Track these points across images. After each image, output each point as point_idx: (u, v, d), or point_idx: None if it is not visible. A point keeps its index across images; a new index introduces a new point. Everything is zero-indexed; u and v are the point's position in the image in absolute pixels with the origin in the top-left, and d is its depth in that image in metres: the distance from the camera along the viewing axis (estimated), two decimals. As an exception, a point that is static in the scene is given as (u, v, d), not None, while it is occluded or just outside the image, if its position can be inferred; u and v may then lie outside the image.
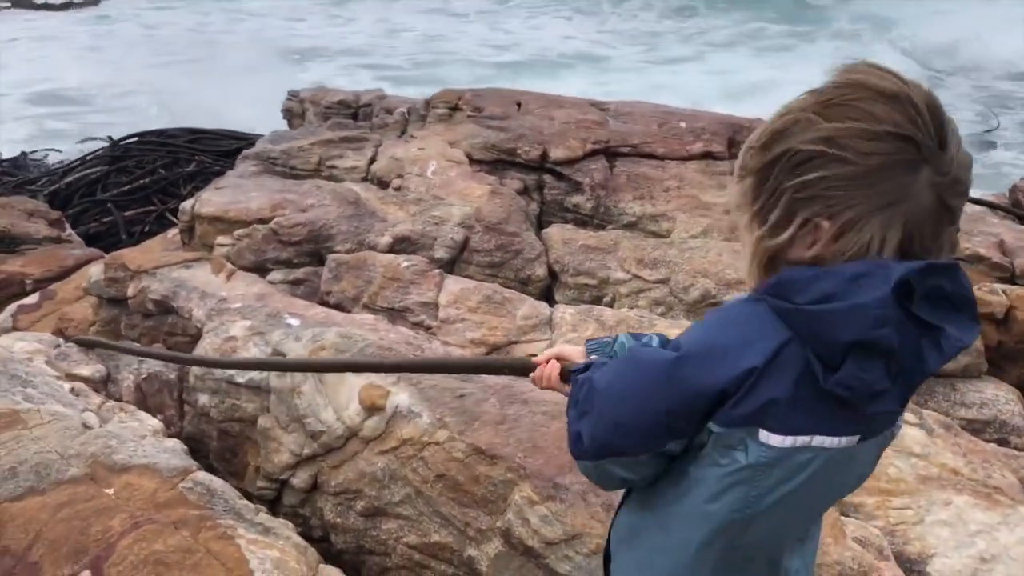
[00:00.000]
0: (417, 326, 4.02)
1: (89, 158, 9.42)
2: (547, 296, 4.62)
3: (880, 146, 1.10)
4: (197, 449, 3.48)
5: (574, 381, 1.49)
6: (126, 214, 8.26)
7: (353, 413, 3.06)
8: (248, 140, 8.90)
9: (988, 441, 3.39)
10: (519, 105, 6.38)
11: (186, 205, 5.24)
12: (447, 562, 2.87)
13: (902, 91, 1.11)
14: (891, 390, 1.13)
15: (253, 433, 3.38)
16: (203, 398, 3.56)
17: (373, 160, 5.83)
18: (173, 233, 5.68)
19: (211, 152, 9.14)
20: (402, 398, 3.06)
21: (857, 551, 2.49)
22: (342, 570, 2.66)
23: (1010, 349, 4.06)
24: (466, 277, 4.52)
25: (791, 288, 1.15)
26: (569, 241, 4.73)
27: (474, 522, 2.79)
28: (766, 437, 1.17)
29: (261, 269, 4.65)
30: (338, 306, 4.23)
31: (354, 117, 7.12)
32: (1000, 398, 3.70)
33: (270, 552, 2.47)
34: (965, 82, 17.36)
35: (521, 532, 2.64)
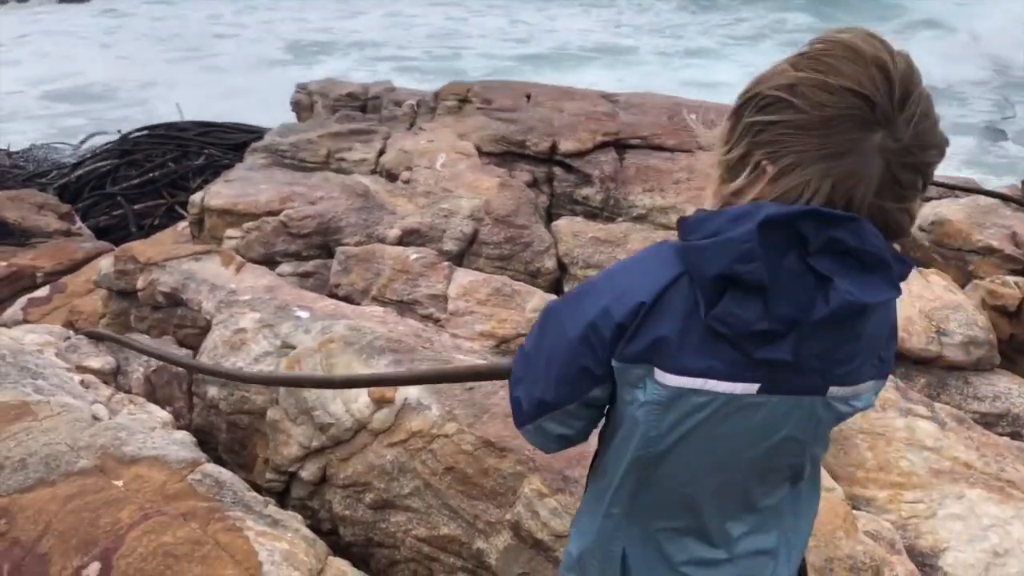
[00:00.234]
0: (426, 318, 4.02)
1: (99, 151, 9.44)
2: (557, 289, 4.61)
3: (835, 99, 1.13)
4: (206, 441, 3.48)
5: None
6: (136, 207, 8.27)
7: (362, 406, 3.05)
8: (257, 133, 8.90)
9: (1001, 435, 3.37)
10: (528, 97, 6.37)
11: (195, 198, 5.25)
12: (456, 555, 2.87)
13: (877, 55, 1.13)
14: (779, 335, 1.15)
15: (262, 425, 3.38)
16: (212, 390, 3.56)
17: (382, 152, 5.83)
18: (183, 226, 5.69)
19: (220, 145, 9.14)
20: (411, 390, 3.05)
21: (869, 545, 2.47)
22: (351, 562, 2.66)
23: (1023, 342, 4.03)
24: (475, 270, 4.51)
25: (689, 227, 1.20)
26: (579, 233, 4.72)
27: (483, 515, 2.78)
28: (661, 376, 1.21)
29: (270, 261, 4.65)
30: (347, 298, 4.23)
31: (363, 109, 7.12)
32: (1013, 391, 3.67)
33: (279, 544, 2.47)
34: (983, 72, 17.21)
35: (530, 525, 2.63)
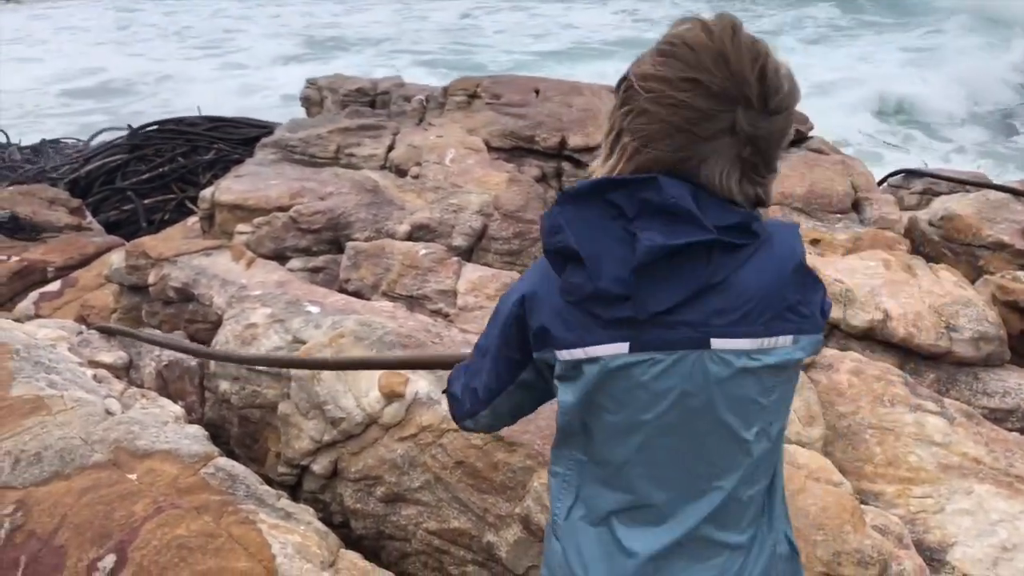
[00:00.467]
0: (435, 314, 4.03)
1: (109, 146, 9.46)
2: (565, 284, 4.61)
3: (678, 89, 1.26)
4: (218, 435, 3.50)
5: None
6: (146, 202, 8.30)
7: (373, 400, 3.07)
8: (266, 128, 8.91)
9: (1010, 430, 3.36)
10: (537, 92, 6.37)
11: (206, 193, 5.27)
12: (466, 548, 2.89)
13: (720, 45, 1.26)
14: (617, 295, 1.29)
15: (273, 419, 3.40)
16: (224, 384, 3.58)
17: (391, 148, 5.84)
18: (193, 221, 5.71)
19: (230, 140, 9.15)
20: (421, 385, 3.07)
21: (877, 539, 2.48)
22: (362, 555, 2.68)
23: (1033, 337, 4.02)
24: (484, 265, 4.53)
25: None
26: (587, 229, 4.72)
27: (493, 508, 2.80)
28: (558, 354, 1.38)
29: (281, 257, 4.67)
30: (357, 293, 4.24)
31: (372, 105, 7.12)
32: (1023, 387, 3.67)
33: (291, 537, 2.49)
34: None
35: (540, 518, 2.65)
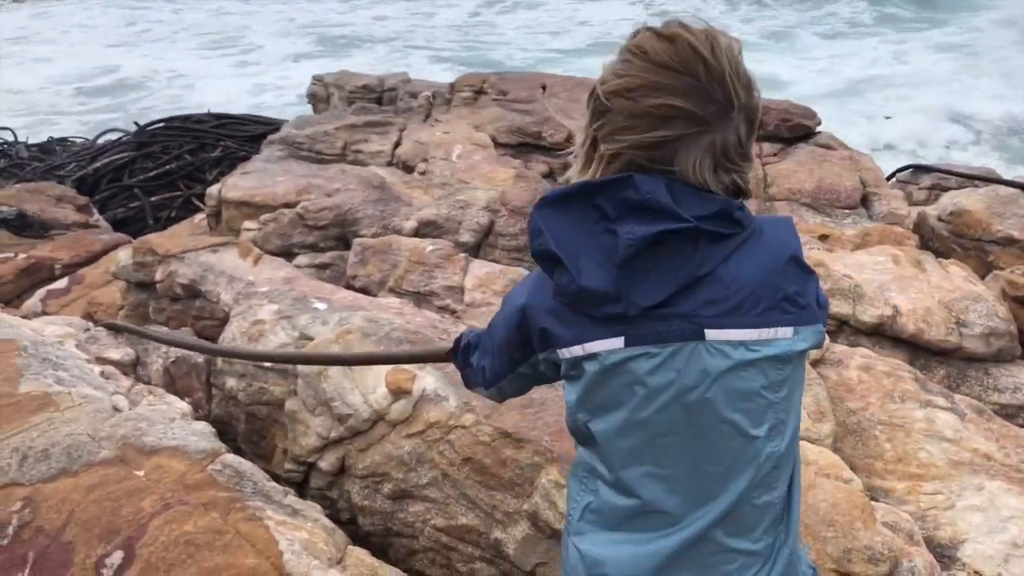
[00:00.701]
0: (443, 310, 4.02)
1: (116, 144, 9.49)
2: (572, 280, 4.60)
3: (647, 97, 1.29)
4: (225, 432, 3.50)
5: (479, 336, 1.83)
6: (153, 199, 8.32)
7: (380, 397, 3.07)
8: (273, 125, 8.92)
9: (1021, 426, 3.35)
10: (544, 88, 6.36)
11: (213, 190, 5.27)
12: (474, 544, 2.88)
13: (686, 52, 1.28)
14: (606, 293, 1.32)
15: (281, 416, 3.40)
16: (231, 381, 3.58)
17: (398, 144, 5.84)
18: (200, 218, 5.71)
19: (236, 137, 9.16)
20: (428, 382, 3.06)
21: (887, 536, 2.46)
22: (370, 552, 2.67)
23: (1044, 333, 4.00)
24: (491, 261, 4.52)
25: None
26: (595, 225, 4.70)
27: (501, 505, 2.79)
28: (560, 352, 1.41)
29: (288, 253, 4.67)
30: (364, 290, 4.24)
31: (378, 101, 7.12)
32: (1033, 383, 3.64)
33: (299, 534, 2.49)
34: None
35: (548, 515, 2.64)
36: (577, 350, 1.38)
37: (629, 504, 1.43)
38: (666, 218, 1.29)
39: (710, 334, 1.33)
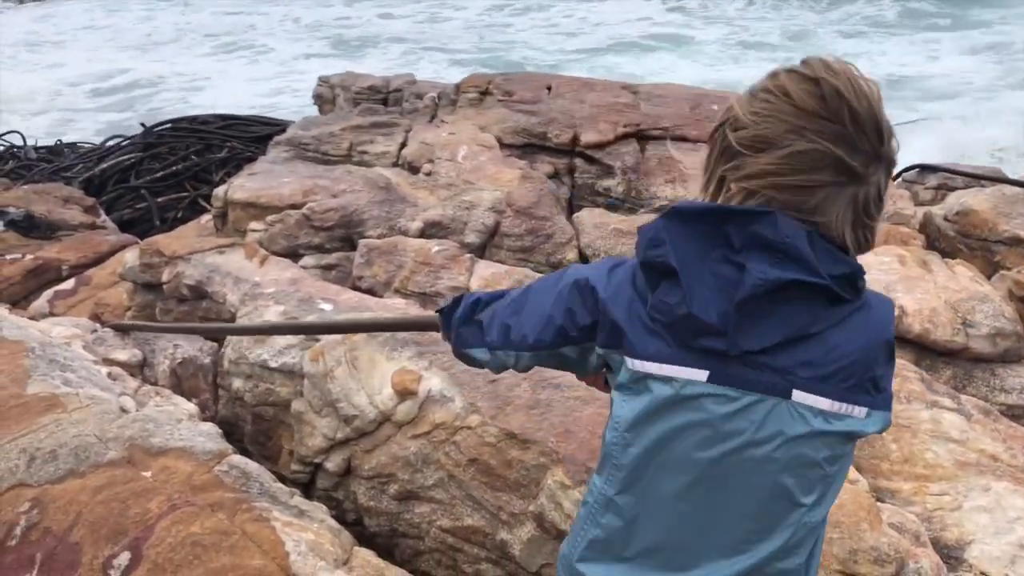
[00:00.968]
0: (448, 311, 4.03)
1: (123, 145, 9.51)
2: (578, 280, 4.60)
3: (799, 138, 1.25)
4: (231, 433, 3.51)
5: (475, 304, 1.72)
6: (159, 200, 8.32)
7: (386, 398, 3.07)
8: (279, 126, 8.93)
9: (1028, 427, 3.34)
10: (549, 89, 6.36)
11: (219, 191, 5.28)
12: (480, 546, 2.88)
13: (839, 93, 1.24)
14: (712, 326, 1.26)
15: (287, 417, 3.41)
16: (237, 382, 3.59)
17: (404, 145, 5.84)
18: (206, 219, 5.73)
19: (242, 138, 9.18)
20: (434, 382, 3.06)
21: (893, 537, 2.46)
22: (376, 552, 2.68)
23: (1050, 333, 3.98)
24: (497, 261, 4.52)
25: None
26: (600, 225, 4.71)
27: (507, 506, 2.79)
28: (628, 362, 1.34)
29: (294, 254, 4.68)
30: (370, 291, 4.25)
31: (384, 103, 7.13)
32: (1040, 383, 3.64)
33: (305, 535, 2.49)
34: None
35: (554, 516, 2.64)
36: (651, 367, 1.32)
37: (648, 541, 1.39)
38: (800, 267, 1.24)
39: (797, 395, 1.29)
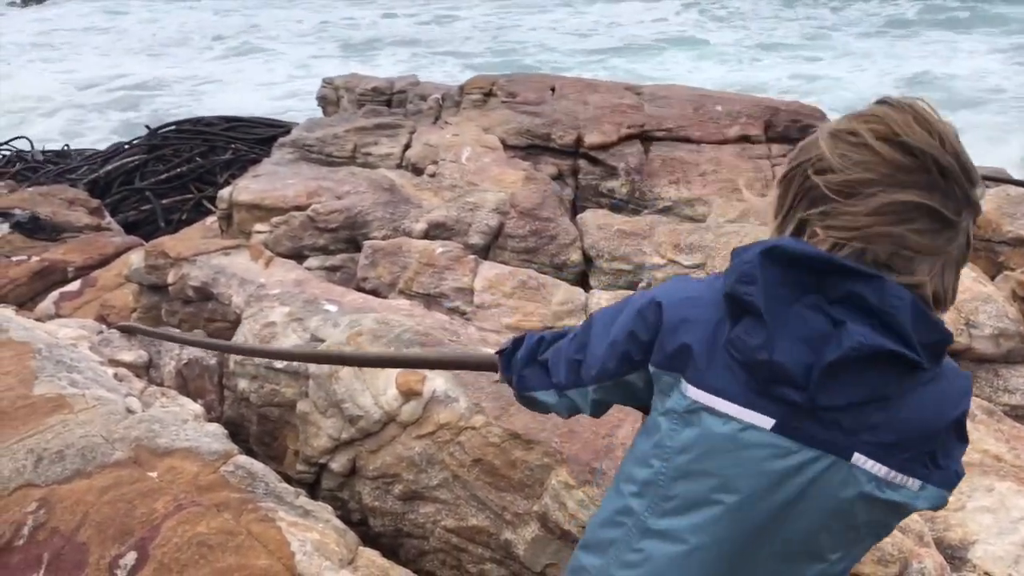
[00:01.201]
0: (453, 312, 4.04)
1: (128, 147, 9.53)
2: (582, 281, 4.61)
3: (898, 179, 1.19)
4: (237, 433, 3.53)
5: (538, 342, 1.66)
6: (164, 202, 8.34)
7: (391, 398, 3.08)
8: (283, 127, 8.95)
9: (1031, 427, 3.34)
10: (553, 90, 6.37)
11: (224, 193, 5.30)
12: (484, 546, 2.89)
13: (930, 136, 1.19)
14: (791, 374, 1.19)
15: (292, 418, 3.42)
16: (243, 383, 3.60)
17: (408, 147, 5.85)
18: (211, 221, 5.74)
19: (247, 140, 9.20)
20: (439, 383, 3.07)
21: (897, 537, 2.47)
22: (381, 553, 2.69)
23: (1054, 334, 3.98)
24: (501, 263, 4.53)
25: (734, 254, 1.29)
26: (604, 226, 4.72)
27: (511, 506, 2.80)
28: (684, 387, 1.27)
29: (298, 256, 4.69)
30: (374, 292, 4.26)
31: (388, 104, 7.14)
32: (1044, 384, 3.64)
33: (310, 535, 2.51)
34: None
35: (558, 516, 2.65)
36: (713, 401, 1.25)
37: (677, 573, 1.33)
38: (897, 339, 1.18)
39: (857, 458, 1.23)
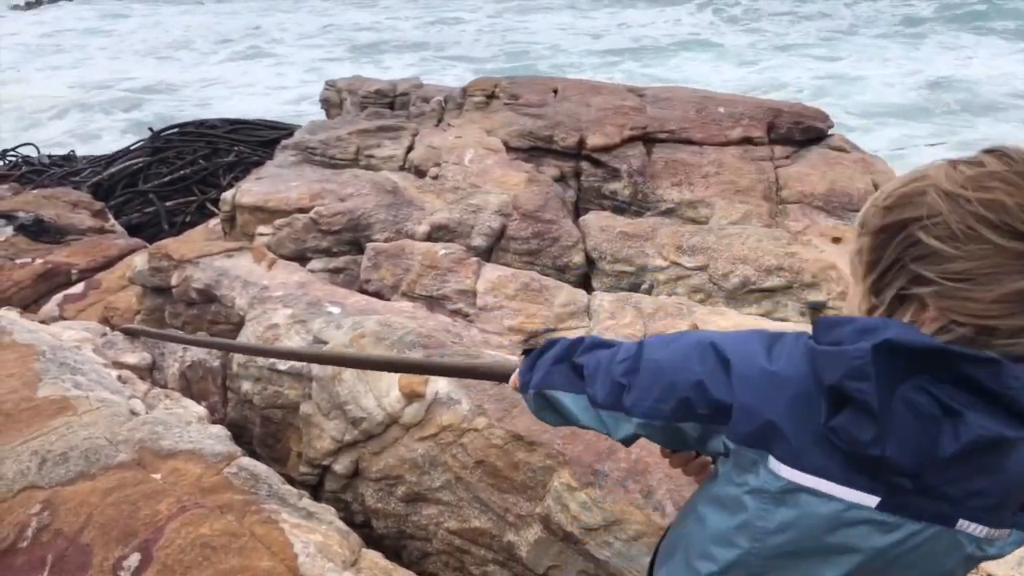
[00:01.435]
0: (455, 313, 4.04)
1: (131, 149, 9.56)
2: (585, 283, 4.61)
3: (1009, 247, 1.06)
4: (240, 435, 3.53)
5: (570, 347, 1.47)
6: (168, 204, 8.37)
7: (393, 400, 3.09)
8: (286, 130, 8.97)
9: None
10: (555, 92, 6.37)
11: (227, 195, 5.31)
12: (487, 547, 2.90)
13: None
14: (894, 464, 1.09)
15: (295, 419, 3.42)
16: (246, 385, 3.61)
17: (410, 149, 5.86)
18: (215, 223, 5.75)
19: (250, 142, 9.22)
20: (441, 385, 3.08)
21: (900, 539, 2.47)
22: (383, 554, 2.69)
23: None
24: (503, 264, 4.53)
25: (822, 329, 1.16)
26: (606, 228, 4.72)
27: (514, 508, 2.81)
28: (775, 465, 1.15)
29: (301, 258, 4.70)
30: (377, 294, 4.26)
31: (391, 106, 7.15)
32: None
33: (313, 536, 2.51)
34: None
35: (560, 518, 2.65)
36: (815, 482, 1.13)
37: None
38: (1017, 421, 1.09)
39: (961, 524, 1.13)
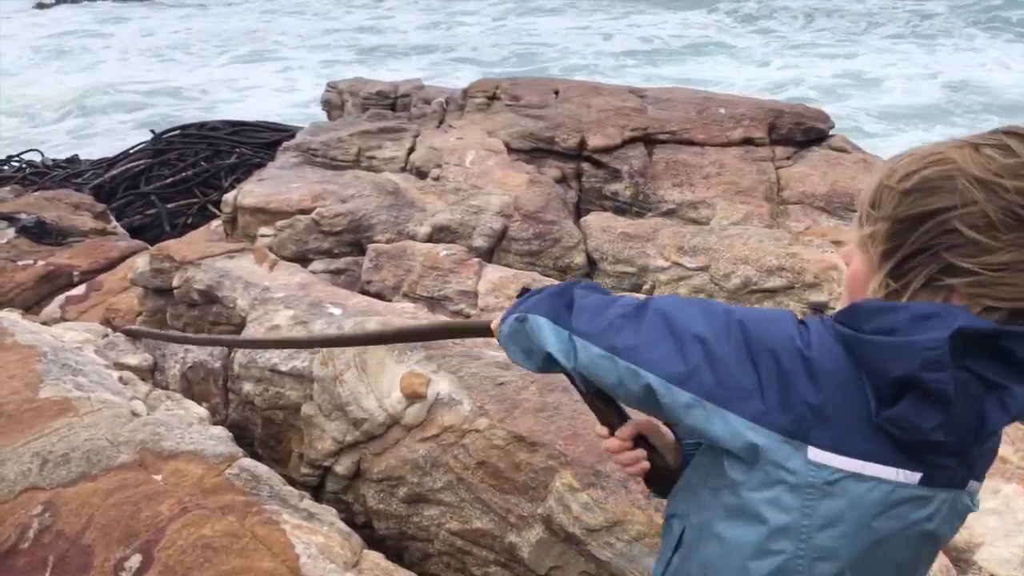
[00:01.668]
0: (456, 314, 4.05)
1: (133, 151, 9.57)
2: (586, 284, 4.61)
3: None
4: (242, 436, 3.53)
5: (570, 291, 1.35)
6: (169, 206, 8.37)
7: (395, 401, 3.09)
8: (287, 132, 8.98)
9: (1037, 429, 3.33)
10: (557, 93, 6.37)
11: (229, 197, 5.32)
12: (489, 548, 2.89)
13: None
14: (948, 447, 1.08)
15: (296, 420, 3.42)
16: (247, 386, 3.61)
17: (412, 150, 5.86)
18: (216, 224, 5.76)
19: (251, 144, 9.22)
20: (443, 386, 3.08)
21: (902, 539, 2.46)
22: (385, 555, 2.69)
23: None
24: (505, 265, 4.54)
25: (861, 316, 1.12)
26: (608, 228, 4.72)
27: (515, 509, 2.80)
28: (816, 455, 1.10)
29: (303, 259, 4.70)
30: (379, 295, 4.26)
31: (392, 108, 7.16)
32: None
33: (315, 537, 2.51)
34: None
35: (562, 519, 2.65)
36: (858, 466, 1.10)
37: None
38: None
39: (971, 485, 1.16)
